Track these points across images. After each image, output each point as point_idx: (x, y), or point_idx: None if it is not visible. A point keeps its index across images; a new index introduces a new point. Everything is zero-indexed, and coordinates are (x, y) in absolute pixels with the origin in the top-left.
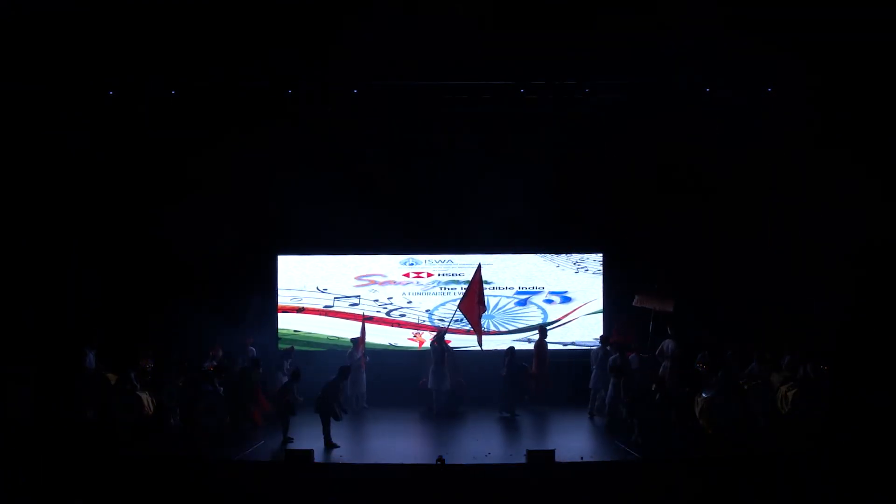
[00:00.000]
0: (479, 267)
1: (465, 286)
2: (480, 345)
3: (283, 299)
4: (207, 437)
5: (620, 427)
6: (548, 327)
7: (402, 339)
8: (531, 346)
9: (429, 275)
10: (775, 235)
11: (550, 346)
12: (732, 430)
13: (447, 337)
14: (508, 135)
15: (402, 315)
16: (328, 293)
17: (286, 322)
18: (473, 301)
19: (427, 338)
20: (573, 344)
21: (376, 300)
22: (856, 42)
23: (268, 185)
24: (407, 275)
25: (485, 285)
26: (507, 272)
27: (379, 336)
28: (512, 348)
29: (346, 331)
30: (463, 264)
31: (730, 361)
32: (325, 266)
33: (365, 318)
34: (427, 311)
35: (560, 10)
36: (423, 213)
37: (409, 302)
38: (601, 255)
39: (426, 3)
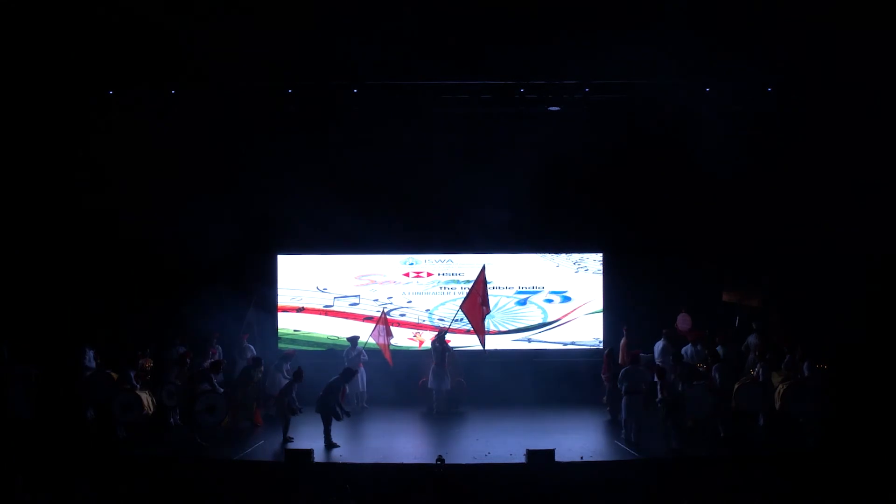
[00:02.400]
0: (483, 268)
1: (465, 286)
2: (483, 346)
3: (283, 299)
4: (207, 436)
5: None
6: (547, 327)
7: (402, 338)
8: (530, 346)
9: (429, 274)
10: (775, 234)
11: (550, 346)
12: (704, 424)
13: (447, 337)
14: (508, 134)
15: (402, 315)
16: (328, 293)
17: (286, 322)
18: (476, 302)
19: (427, 338)
20: (573, 343)
21: (376, 300)
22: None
23: (268, 185)
24: (407, 274)
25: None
26: (507, 272)
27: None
28: (612, 350)
29: (347, 331)
30: (463, 264)
31: (717, 357)
32: (325, 266)
33: (386, 321)
34: (427, 310)
35: (561, 10)
36: (422, 212)
37: (409, 301)
38: (601, 254)
39: (427, 3)
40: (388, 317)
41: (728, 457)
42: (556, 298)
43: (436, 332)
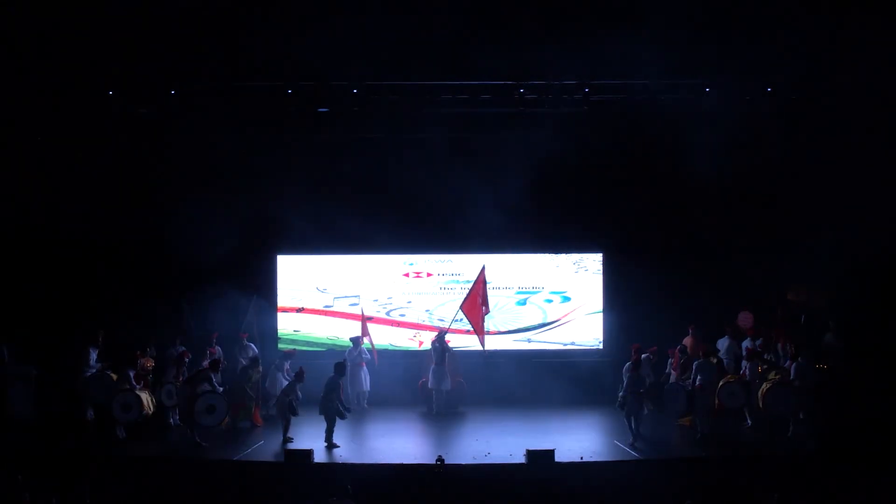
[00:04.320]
0: (483, 268)
1: (465, 286)
2: (483, 346)
3: (284, 299)
4: (207, 436)
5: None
6: (546, 328)
7: (402, 339)
8: (530, 346)
9: (428, 274)
10: (775, 235)
11: (550, 346)
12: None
13: (447, 337)
14: (508, 134)
15: (402, 315)
16: (328, 293)
17: (286, 322)
18: (476, 302)
19: (427, 338)
20: (573, 344)
21: (376, 300)
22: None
23: (267, 185)
24: (407, 274)
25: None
26: (506, 272)
27: (379, 336)
28: (682, 346)
29: (346, 331)
30: (463, 264)
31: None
32: (325, 266)
33: (364, 318)
34: (427, 310)
35: (560, 10)
36: (422, 212)
37: (409, 302)
38: (601, 254)
39: (427, 3)
40: (365, 315)
41: (728, 457)
42: (555, 298)
43: (436, 333)
